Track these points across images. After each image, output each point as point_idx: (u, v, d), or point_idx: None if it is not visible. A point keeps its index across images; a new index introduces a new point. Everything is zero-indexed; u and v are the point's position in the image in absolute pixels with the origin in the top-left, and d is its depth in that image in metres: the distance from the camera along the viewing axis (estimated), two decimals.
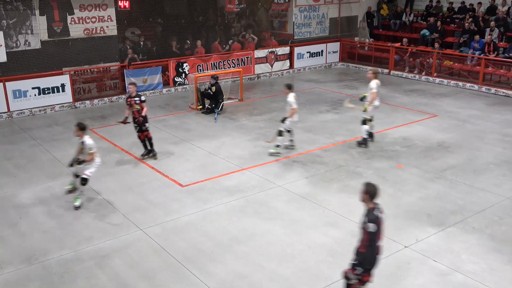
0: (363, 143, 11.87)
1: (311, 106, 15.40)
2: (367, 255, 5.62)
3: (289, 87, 11.45)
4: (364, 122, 11.84)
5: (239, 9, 20.17)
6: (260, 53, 19.62)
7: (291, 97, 11.19)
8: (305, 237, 7.99)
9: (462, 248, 7.63)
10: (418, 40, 20.55)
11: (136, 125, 10.90)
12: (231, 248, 7.69)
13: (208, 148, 11.93)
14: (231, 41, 19.75)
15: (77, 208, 8.92)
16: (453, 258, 7.36)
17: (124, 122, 11.02)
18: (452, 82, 18.11)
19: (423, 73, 19.01)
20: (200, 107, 15.09)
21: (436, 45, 19.08)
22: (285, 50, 20.51)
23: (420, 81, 18.85)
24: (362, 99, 12.01)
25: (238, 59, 19.03)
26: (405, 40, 20.18)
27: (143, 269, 7.20)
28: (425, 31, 20.35)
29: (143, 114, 10.75)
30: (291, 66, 20.77)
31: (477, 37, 18.43)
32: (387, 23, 23.05)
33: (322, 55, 21.64)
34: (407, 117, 14.16)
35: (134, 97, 10.81)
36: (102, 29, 16.66)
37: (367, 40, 22.35)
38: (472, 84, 17.56)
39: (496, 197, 9.28)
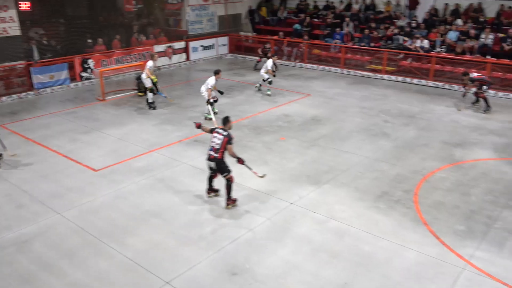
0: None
1: None
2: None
3: (216, 72, 11.96)
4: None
5: (136, 9, 19.27)
6: (159, 47, 18.99)
7: (212, 79, 11.82)
8: (209, 205, 8.02)
9: (335, 200, 8.13)
10: (292, 33, 21.14)
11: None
12: (144, 221, 7.50)
13: (118, 134, 11.41)
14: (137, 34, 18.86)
15: None
16: (328, 209, 7.82)
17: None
18: (320, 67, 18.96)
19: (298, 60, 19.65)
20: (141, 93, 14.61)
21: (306, 37, 19.79)
22: (181, 44, 20.04)
23: (295, 67, 19.49)
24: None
25: (139, 54, 18.26)
26: (281, 33, 20.65)
27: (64, 249, 6.79)
28: (297, 26, 20.98)
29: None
30: (188, 58, 20.38)
31: (337, 29, 19.40)
32: (266, 19, 23.40)
33: (213, 48, 21.47)
34: (287, 98, 14.61)
35: None
36: (4, 29, 15.05)
37: (250, 34, 22.56)
38: (336, 68, 18.53)
39: (358, 157, 9.98)
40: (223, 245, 6.81)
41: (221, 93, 12.67)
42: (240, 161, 7.70)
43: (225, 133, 7.63)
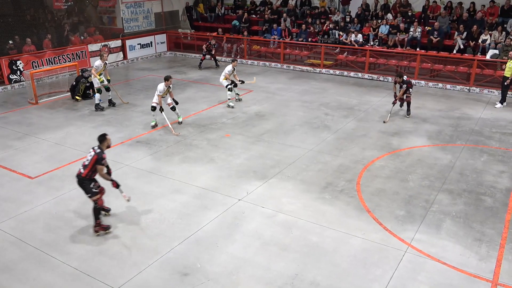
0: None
1: (147, 92, 14.95)
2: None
3: (166, 79, 11.28)
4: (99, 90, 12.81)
5: (66, 7, 18.39)
6: (93, 46, 18.27)
7: (161, 85, 11.23)
8: (156, 206, 7.86)
9: (282, 194, 8.25)
10: (230, 29, 21.13)
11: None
12: (87, 227, 7.21)
13: (54, 139, 10.87)
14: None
15: None
16: (276, 203, 7.92)
17: None
18: (261, 62, 19.12)
19: (238, 56, 19.68)
20: (79, 98, 13.94)
21: (245, 32, 19.86)
22: (117, 43, 19.41)
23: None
24: None
25: (73, 53, 17.46)
26: (220, 30, 20.59)
27: (1, 263, 6.38)
28: (236, 22, 21.00)
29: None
30: (125, 57, 19.79)
31: (274, 25, 19.64)
32: (204, 16, 23.22)
33: (151, 46, 20.98)
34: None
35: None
36: None
37: (188, 31, 22.28)
38: (276, 63, 18.78)
39: (302, 150, 10.19)
40: (172, 246, 6.71)
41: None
42: (114, 184, 6.98)
43: (97, 150, 6.86)
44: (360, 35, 17.67)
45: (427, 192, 8.31)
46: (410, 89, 12.20)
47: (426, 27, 17.51)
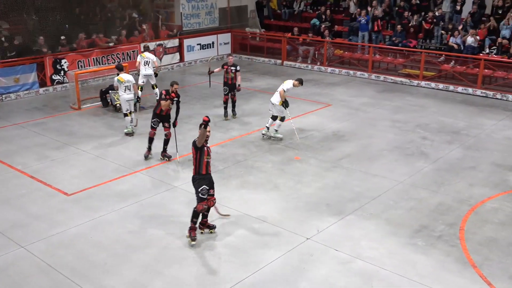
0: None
1: (205, 101, 15.42)
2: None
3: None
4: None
5: None
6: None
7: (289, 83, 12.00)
8: (205, 238, 8.00)
9: (362, 235, 8.09)
10: (308, 29, 21.32)
11: (226, 87, 13.44)
12: (126, 257, 7.49)
13: (95, 151, 11.49)
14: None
15: None
16: (353, 246, 7.77)
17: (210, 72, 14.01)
18: (344, 71, 19.08)
19: (318, 63, 19.76)
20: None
21: (326, 31, 19.91)
22: (174, 42, 20.30)
23: (313, 70, 19.62)
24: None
25: (123, 53, 18.49)
26: (295, 29, 20.85)
27: None
28: (315, 20, 21.16)
29: (237, 82, 13.33)
30: (182, 59, 20.60)
31: (363, 12, 19.23)
32: (277, 12, 23.67)
33: (213, 46, 21.70)
34: (302, 108, 14.67)
35: (231, 66, 13.30)
36: None
37: (257, 31, 22.78)
38: (363, 72, 18.64)
39: (390, 182, 9.95)
40: None
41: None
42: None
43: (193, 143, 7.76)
44: (473, 38, 16.94)
45: None
46: None
47: None
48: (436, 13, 18.70)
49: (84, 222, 8.46)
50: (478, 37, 16.98)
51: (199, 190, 7.64)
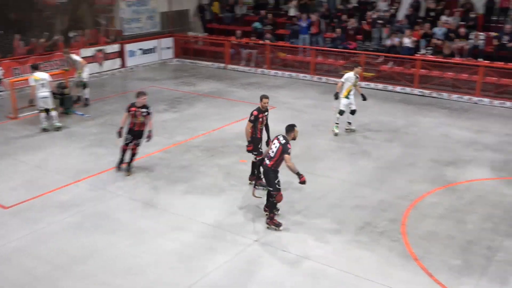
0: None
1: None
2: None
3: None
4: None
5: (60, 3, 18.99)
6: (87, 52, 18.74)
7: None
8: (153, 246, 7.88)
9: (308, 235, 8.16)
10: (251, 32, 21.39)
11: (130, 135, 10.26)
12: (70, 269, 7.27)
13: (34, 161, 11.09)
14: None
15: None
16: (300, 246, 7.84)
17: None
18: (287, 73, 19.28)
19: (259, 66, 19.87)
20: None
21: (268, 35, 20.06)
22: (115, 47, 19.91)
23: (257, 74, 19.72)
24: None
25: (62, 59, 17.92)
26: (238, 32, 20.89)
27: None
28: (257, 24, 21.26)
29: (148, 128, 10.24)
30: (123, 64, 20.24)
31: (303, 16, 19.61)
32: (219, 16, 23.65)
33: (155, 51, 21.46)
34: (246, 111, 14.59)
35: (141, 107, 10.09)
36: None
37: (200, 35, 22.70)
38: (305, 74, 18.89)
39: (335, 181, 10.11)
40: None
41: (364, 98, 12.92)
42: (302, 178, 7.94)
43: (283, 141, 8.19)
44: (409, 40, 17.51)
45: (490, 237, 8.13)
46: None
47: (491, 33, 17.42)
48: (374, 15, 19.24)
49: (24, 235, 8.14)
50: (414, 38, 17.58)
51: (276, 182, 8.10)
